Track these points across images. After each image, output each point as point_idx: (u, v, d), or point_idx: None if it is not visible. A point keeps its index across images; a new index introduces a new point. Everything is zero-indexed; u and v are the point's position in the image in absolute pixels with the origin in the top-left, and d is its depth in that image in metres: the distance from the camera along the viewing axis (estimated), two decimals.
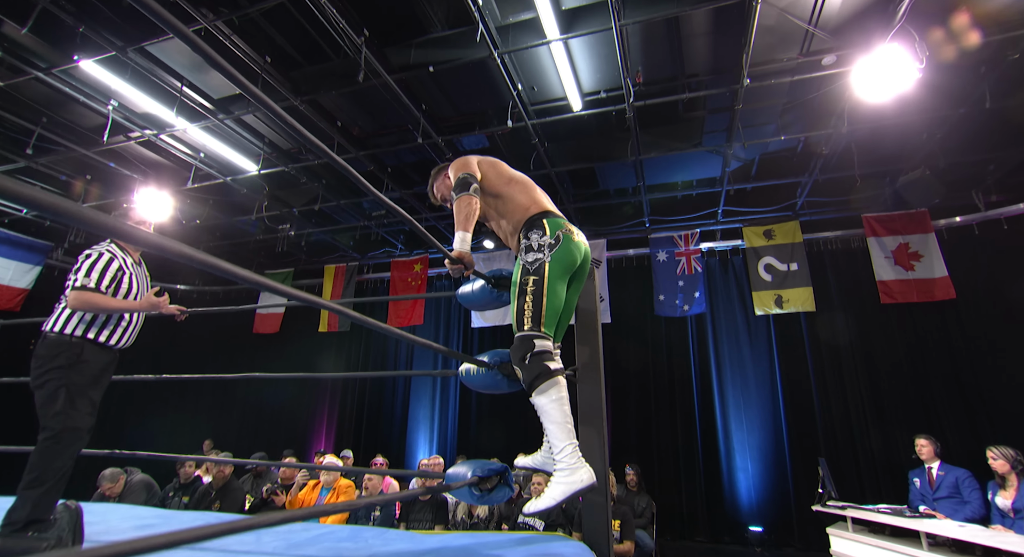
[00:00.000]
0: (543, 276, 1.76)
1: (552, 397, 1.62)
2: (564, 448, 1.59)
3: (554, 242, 1.82)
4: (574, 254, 1.85)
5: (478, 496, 1.71)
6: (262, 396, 8.99)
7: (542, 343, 1.68)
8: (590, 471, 1.59)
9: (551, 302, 1.74)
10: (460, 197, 1.87)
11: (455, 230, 1.84)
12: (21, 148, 5.73)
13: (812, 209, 6.67)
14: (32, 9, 4.15)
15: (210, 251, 8.56)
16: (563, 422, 1.61)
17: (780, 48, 4.25)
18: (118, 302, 2.21)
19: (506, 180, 2.04)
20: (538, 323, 1.72)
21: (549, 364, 1.65)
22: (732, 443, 6.46)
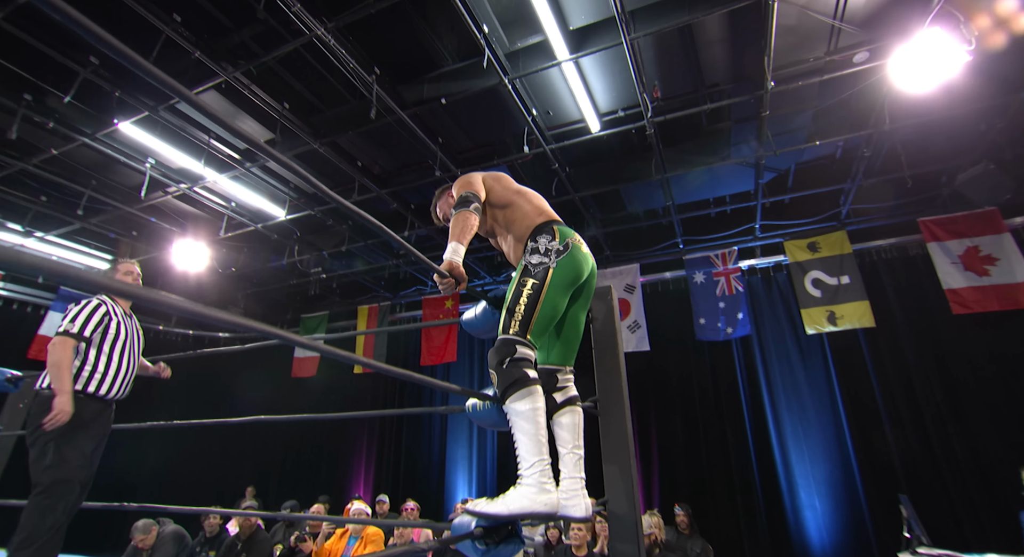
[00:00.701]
0: (544, 282, 1.65)
1: (526, 406, 1.48)
2: (534, 464, 1.45)
3: (562, 249, 1.72)
4: (581, 266, 1.75)
5: (483, 551, 1.46)
6: (302, 440, 8.98)
7: (524, 351, 1.56)
8: (556, 499, 1.44)
9: (545, 311, 1.62)
10: (459, 212, 1.75)
11: (448, 241, 1.70)
12: (75, 210, 6.09)
13: (860, 217, 6.20)
14: (74, 79, 4.46)
15: (247, 298, 8.81)
16: (535, 435, 1.47)
17: (804, 48, 4.02)
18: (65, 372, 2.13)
19: (514, 191, 1.98)
20: (525, 329, 1.59)
21: (528, 371, 1.52)
22: (794, 476, 5.83)
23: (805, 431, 5.95)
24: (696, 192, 6.10)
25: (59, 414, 2.04)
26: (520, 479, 1.45)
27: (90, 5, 3.92)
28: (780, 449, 6.02)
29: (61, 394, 2.07)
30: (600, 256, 7.27)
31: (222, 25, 4.18)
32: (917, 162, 5.30)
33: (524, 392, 1.49)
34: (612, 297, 2.06)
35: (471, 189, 1.85)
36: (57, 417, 2.03)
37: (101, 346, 2.28)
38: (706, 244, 6.83)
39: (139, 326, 2.57)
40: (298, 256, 7.16)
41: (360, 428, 8.58)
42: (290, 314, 9.39)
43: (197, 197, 6.03)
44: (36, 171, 5.41)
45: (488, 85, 4.30)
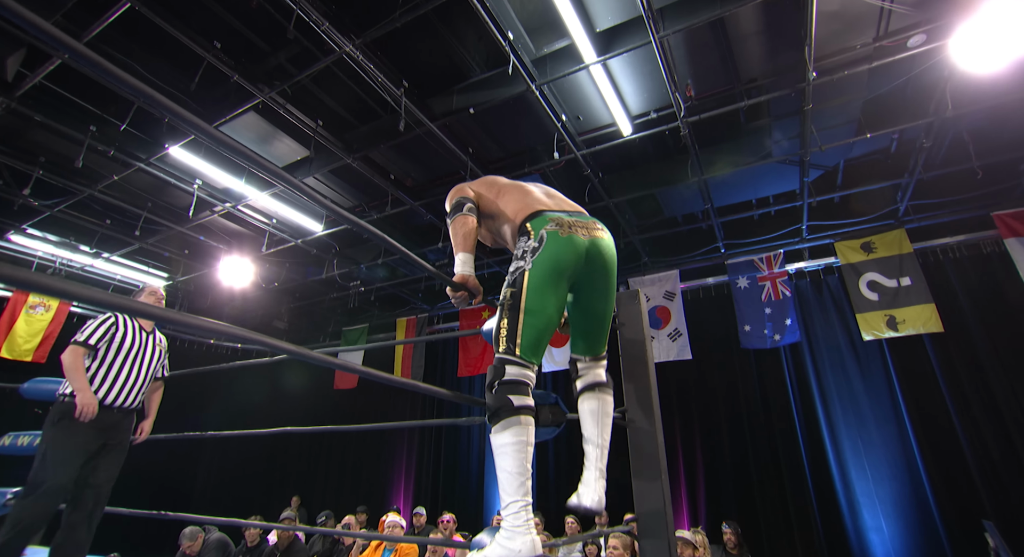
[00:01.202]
0: (521, 288, 1.50)
1: (508, 439, 1.34)
2: (510, 505, 1.31)
3: (537, 245, 1.55)
4: (564, 253, 1.54)
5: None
6: (345, 450, 9.13)
7: (515, 370, 1.41)
8: (535, 542, 1.27)
9: (529, 319, 1.46)
10: (454, 219, 1.69)
11: (454, 254, 1.64)
12: (133, 232, 6.49)
13: (921, 214, 5.74)
14: (130, 108, 4.76)
15: (290, 312, 9.10)
16: (517, 473, 1.32)
17: (850, 34, 3.78)
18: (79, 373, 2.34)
19: (496, 191, 1.80)
20: (512, 344, 1.44)
21: (513, 399, 1.37)
22: (855, 495, 5.38)
23: (866, 446, 5.50)
24: (737, 193, 5.84)
25: (84, 408, 2.25)
26: (501, 522, 1.32)
27: (140, 38, 4.19)
28: (838, 464, 5.58)
29: (80, 392, 2.28)
30: (638, 263, 7.07)
31: (259, 49, 4.36)
32: (988, 151, 4.85)
33: (504, 423, 1.36)
34: (640, 301, 1.94)
35: (460, 194, 1.77)
36: (84, 411, 2.24)
37: (105, 356, 2.46)
38: (749, 248, 6.51)
39: (160, 344, 2.76)
40: (337, 270, 7.33)
41: (400, 438, 8.64)
42: (332, 327, 9.63)
43: (241, 215, 6.29)
44: (100, 196, 5.80)
45: (516, 92, 4.27)
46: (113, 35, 4.08)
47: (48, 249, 6.95)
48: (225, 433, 2.55)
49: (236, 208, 6.00)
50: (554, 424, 1.56)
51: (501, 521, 1.33)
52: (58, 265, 7.30)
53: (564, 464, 6.97)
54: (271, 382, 9.70)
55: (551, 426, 1.56)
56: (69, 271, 7.52)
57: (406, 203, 5.81)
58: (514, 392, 1.39)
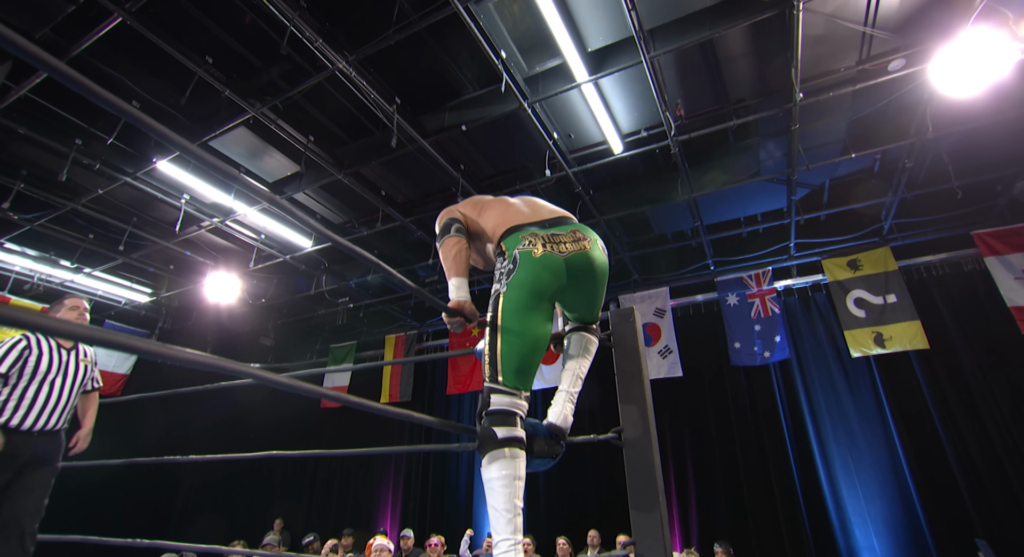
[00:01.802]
0: (497, 312, 1.47)
1: (495, 473, 1.29)
2: (500, 544, 1.25)
3: (512, 266, 1.51)
4: (539, 274, 1.47)
5: None
6: (330, 471, 8.91)
7: (500, 399, 1.37)
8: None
9: (511, 343, 1.42)
10: (443, 242, 1.65)
11: (447, 278, 1.61)
12: (117, 246, 6.36)
13: (905, 232, 5.85)
14: (117, 121, 4.71)
15: (277, 329, 8.95)
16: (505, 511, 1.26)
17: (834, 58, 3.88)
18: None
19: (479, 210, 1.76)
20: (495, 374, 1.40)
21: (498, 431, 1.32)
22: (847, 514, 5.35)
23: (856, 463, 5.49)
24: (725, 211, 5.91)
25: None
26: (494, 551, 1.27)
27: (131, 53, 4.16)
28: (829, 482, 5.56)
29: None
30: (628, 280, 7.09)
31: (251, 65, 4.35)
32: (967, 171, 4.98)
33: (490, 457, 1.31)
34: (635, 319, 1.92)
35: (449, 216, 1.73)
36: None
37: (18, 382, 2.40)
38: (738, 265, 6.57)
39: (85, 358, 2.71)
40: (326, 286, 7.24)
41: (387, 457, 8.45)
42: (319, 344, 9.48)
43: (228, 230, 6.21)
44: (84, 210, 5.69)
45: (508, 110, 4.30)
46: (103, 49, 4.05)
47: (26, 264, 6.79)
48: (208, 457, 2.45)
49: (224, 223, 5.92)
50: (549, 456, 1.51)
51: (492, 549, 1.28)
52: (36, 280, 7.13)
53: (554, 484, 6.86)
54: (256, 400, 9.48)
55: (546, 458, 1.51)
56: (48, 286, 7.34)
57: (397, 219, 5.78)
58: (500, 423, 1.34)
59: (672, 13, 3.61)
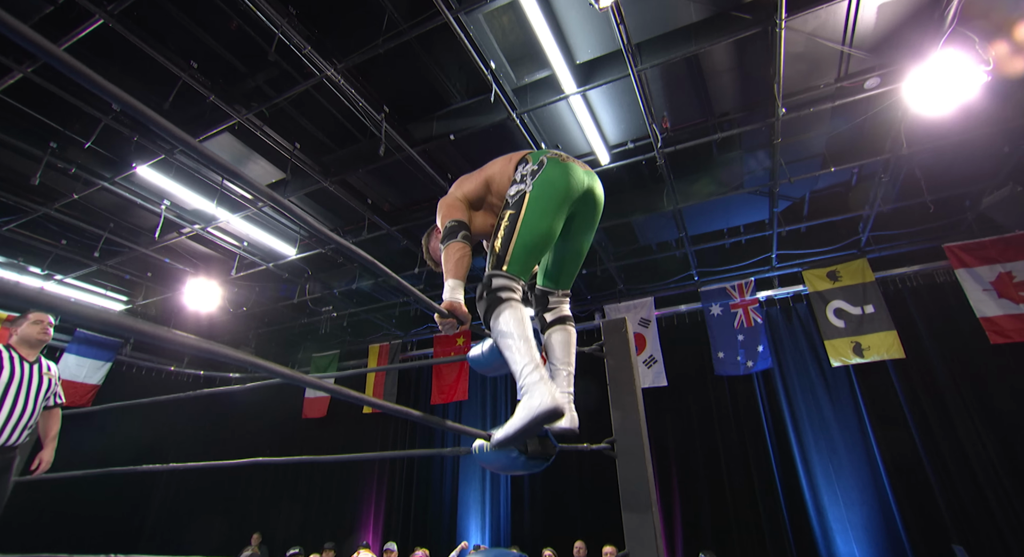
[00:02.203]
0: (520, 209, 1.54)
1: (505, 318, 1.40)
2: (523, 367, 1.34)
3: (537, 168, 1.60)
4: (566, 179, 1.59)
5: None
6: (311, 482, 8.71)
7: (499, 281, 1.46)
8: (552, 392, 1.29)
9: (523, 237, 1.51)
10: (448, 245, 1.64)
11: (444, 279, 1.60)
12: (92, 253, 6.18)
13: (881, 244, 6.02)
14: (96, 126, 4.59)
15: (258, 338, 8.77)
16: (522, 339, 1.37)
17: (815, 75, 4.00)
18: None
19: (480, 170, 1.88)
20: (502, 262, 1.49)
21: (501, 294, 1.43)
22: (828, 521, 5.42)
23: (837, 470, 5.58)
24: (709, 223, 6.01)
25: None
26: (520, 391, 1.35)
27: (112, 55, 4.08)
28: (811, 491, 5.63)
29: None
30: (613, 290, 7.14)
31: (237, 71, 4.30)
32: (938, 186, 5.16)
33: (501, 308, 1.41)
34: (627, 329, 1.93)
35: (453, 216, 1.74)
36: None
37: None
38: (722, 276, 6.68)
39: (48, 372, 2.68)
40: (309, 295, 7.14)
41: (370, 470, 8.31)
42: (301, 353, 9.32)
43: (210, 237, 6.09)
44: (57, 215, 5.52)
45: (496, 120, 4.33)
46: (81, 51, 3.95)
47: None
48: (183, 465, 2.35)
49: (206, 230, 5.81)
50: (543, 457, 1.49)
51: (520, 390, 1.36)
52: None
53: (539, 494, 6.81)
54: (235, 410, 9.25)
55: (540, 460, 1.49)
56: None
57: (382, 228, 5.74)
58: (500, 292, 1.44)
59: (659, 28, 3.69)
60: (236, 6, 3.78)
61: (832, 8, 3.44)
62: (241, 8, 3.70)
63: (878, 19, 3.51)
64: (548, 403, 1.27)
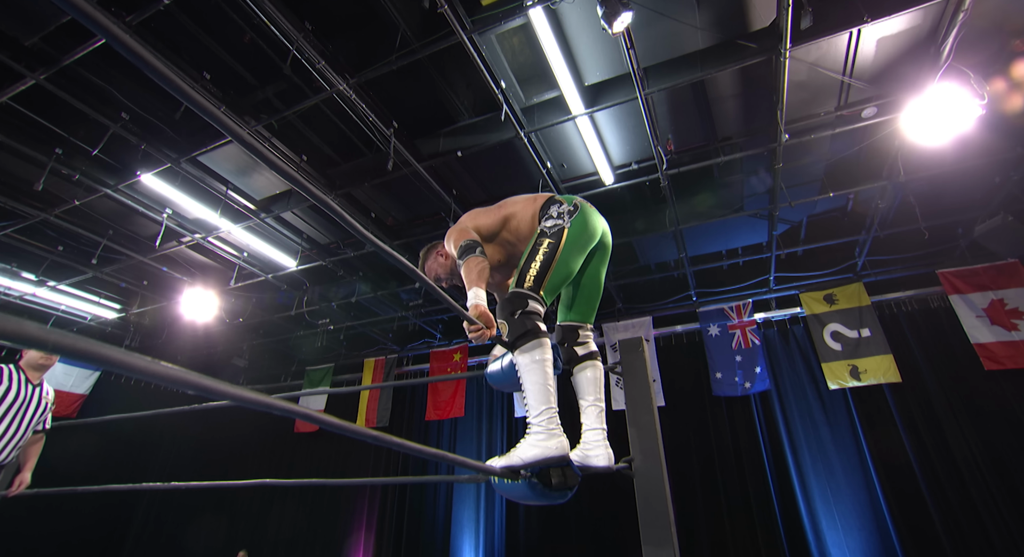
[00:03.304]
0: (560, 240, 1.71)
1: (536, 357, 1.52)
2: (542, 412, 1.47)
3: (573, 209, 1.81)
4: (594, 224, 1.85)
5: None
6: (300, 498, 8.52)
7: (535, 305, 1.59)
8: (565, 443, 1.44)
9: (559, 269, 1.67)
10: (468, 259, 1.71)
11: (466, 291, 1.63)
12: (89, 259, 6.12)
13: (877, 269, 6.12)
14: (104, 133, 4.59)
15: (252, 349, 8.67)
16: (544, 383, 1.50)
17: (816, 103, 4.11)
18: None
19: (498, 209, 2.00)
20: (539, 285, 1.62)
21: (539, 324, 1.56)
22: (826, 546, 5.39)
23: (835, 494, 5.57)
24: (709, 244, 6.08)
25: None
26: (529, 428, 1.46)
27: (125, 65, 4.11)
28: (809, 514, 5.60)
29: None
30: (612, 309, 7.17)
31: (248, 83, 4.35)
32: (932, 214, 5.28)
33: (535, 343, 1.52)
34: (644, 349, 1.94)
35: (468, 236, 1.83)
36: None
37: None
38: (720, 297, 6.73)
39: (47, 396, 2.69)
40: (306, 307, 7.09)
41: (361, 491, 8.15)
42: (295, 366, 9.21)
43: (210, 247, 6.06)
44: (56, 221, 5.47)
45: (504, 138, 4.39)
46: (94, 60, 3.98)
47: None
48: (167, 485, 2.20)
49: (206, 239, 5.78)
50: (567, 488, 1.47)
51: (529, 428, 1.46)
52: None
53: (534, 509, 6.72)
54: (227, 420, 9.08)
55: (563, 490, 1.46)
56: (6, 300, 6.96)
57: (386, 242, 5.73)
58: (537, 319, 1.56)
59: (667, 54, 3.79)
60: (250, 20, 3.84)
61: (834, 40, 3.56)
62: (255, 22, 3.76)
63: (877, 52, 3.63)
64: (559, 452, 1.41)
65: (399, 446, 1.14)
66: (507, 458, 1.45)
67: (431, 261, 2.13)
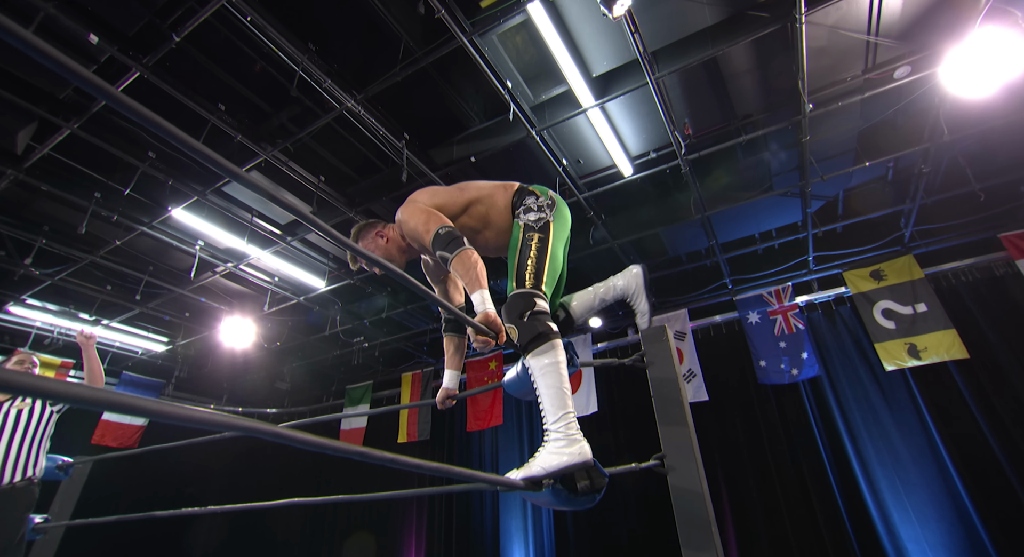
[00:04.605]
0: (548, 235, 1.70)
1: (550, 359, 1.45)
2: (560, 417, 1.40)
3: (551, 202, 1.83)
4: (567, 215, 1.91)
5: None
6: (350, 510, 8.63)
7: (542, 303, 1.54)
8: (587, 448, 1.36)
9: (552, 264, 1.66)
10: (458, 254, 1.57)
11: (469, 293, 1.54)
12: (133, 296, 6.41)
13: (928, 239, 5.70)
14: (134, 173, 4.80)
15: (293, 372, 8.88)
16: (560, 387, 1.43)
17: (840, 68, 3.87)
18: None
19: (456, 187, 1.97)
20: (539, 281, 1.59)
21: (551, 325, 1.49)
22: (901, 542, 4.99)
23: (904, 483, 5.16)
24: (740, 229, 5.82)
25: None
26: (547, 435, 1.40)
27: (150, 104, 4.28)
28: (877, 507, 5.22)
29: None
30: None
31: (262, 110, 4.46)
32: (986, 174, 4.88)
33: (548, 346, 1.45)
34: (668, 337, 1.82)
35: (442, 221, 1.69)
36: None
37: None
38: (757, 282, 6.43)
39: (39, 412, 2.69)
40: (340, 327, 7.20)
41: (408, 501, 8.18)
42: (335, 385, 9.37)
43: (242, 274, 6.24)
44: (102, 262, 5.76)
45: (516, 139, 4.33)
46: None
47: (47, 318, 6.84)
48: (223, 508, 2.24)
49: (238, 267, 5.95)
50: (594, 491, 1.35)
51: (548, 435, 1.39)
52: (56, 334, 7.17)
53: (582, 513, 6.54)
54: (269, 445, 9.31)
55: (590, 494, 1.35)
56: (67, 340, 7.37)
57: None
58: (547, 319, 1.50)
59: (675, 34, 3.65)
60: (260, 49, 3.95)
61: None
62: (265, 51, 3.85)
63: (905, 3, 3.39)
64: (582, 458, 1.33)
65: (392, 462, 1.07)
66: (527, 469, 1.36)
67: (366, 240, 1.97)
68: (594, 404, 6.54)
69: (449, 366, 2.16)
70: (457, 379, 2.16)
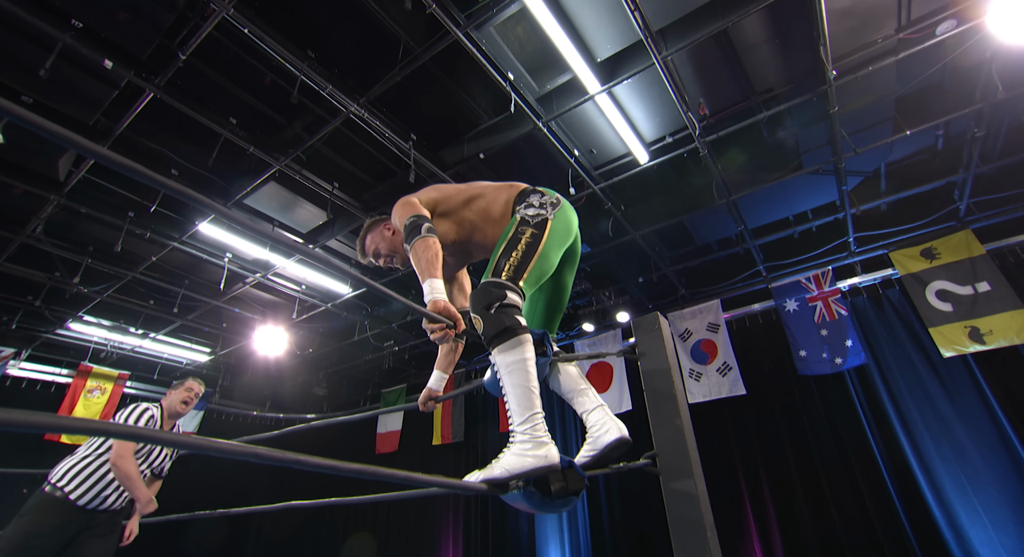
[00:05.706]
0: (543, 231, 1.58)
1: (517, 356, 1.35)
2: (526, 418, 1.31)
3: (556, 202, 1.72)
4: (572, 221, 1.76)
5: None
6: (389, 513, 8.75)
7: (513, 297, 1.42)
8: (554, 452, 1.28)
9: (540, 263, 1.53)
10: (415, 243, 1.52)
11: (420, 282, 1.46)
12: (172, 309, 6.70)
13: (988, 211, 5.19)
14: (159, 191, 5.00)
15: (328, 378, 9.07)
16: (527, 386, 1.34)
17: (869, 29, 3.55)
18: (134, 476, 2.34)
19: (466, 188, 1.88)
20: (519, 276, 1.46)
21: (519, 318, 1.39)
22: (971, 545, 4.54)
23: (973, 483, 4.70)
24: (771, 212, 5.49)
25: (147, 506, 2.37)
26: (513, 436, 1.32)
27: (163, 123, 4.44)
28: (941, 507, 4.78)
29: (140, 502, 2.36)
30: (674, 296, 6.69)
31: (275, 122, 4.54)
32: None
33: (515, 341, 1.35)
34: (662, 327, 1.68)
35: (415, 210, 1.64)
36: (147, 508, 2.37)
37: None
38: (794, 268, 6.05)
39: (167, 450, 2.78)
40: (370, 332, 7.28)
41: (444, 502, 8.20)
42: (371, 390, 9.51)
43: (271, 284, 6.40)
44: (142, 278, 6.04)
45: (523, 132, 4.22)
46: (143, 125, 4.33)
47: (102, 333, 7.25)
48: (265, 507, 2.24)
49: (266, 277, 6.11)
50: (571, 493, 1.28)
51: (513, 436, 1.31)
52: (110, 348, 7.60)
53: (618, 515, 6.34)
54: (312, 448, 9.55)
55: (565, 497, 1.28)
56: (120, 354, 7.80)
57: None
58: (516, 313, 1.40)
59: (680, 9, 3.45)
60: (268, 61, 4.00)
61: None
62: (274, 64, 3.90)
63: None
64: (547, 462, 1.25)
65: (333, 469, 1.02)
66: (488, 470, 1.29)
67: (374, 234, 1.97)
68: (627, 401, 6.32)
69: (437, 367, 2.11)
70: (443, 380, 2.11)
